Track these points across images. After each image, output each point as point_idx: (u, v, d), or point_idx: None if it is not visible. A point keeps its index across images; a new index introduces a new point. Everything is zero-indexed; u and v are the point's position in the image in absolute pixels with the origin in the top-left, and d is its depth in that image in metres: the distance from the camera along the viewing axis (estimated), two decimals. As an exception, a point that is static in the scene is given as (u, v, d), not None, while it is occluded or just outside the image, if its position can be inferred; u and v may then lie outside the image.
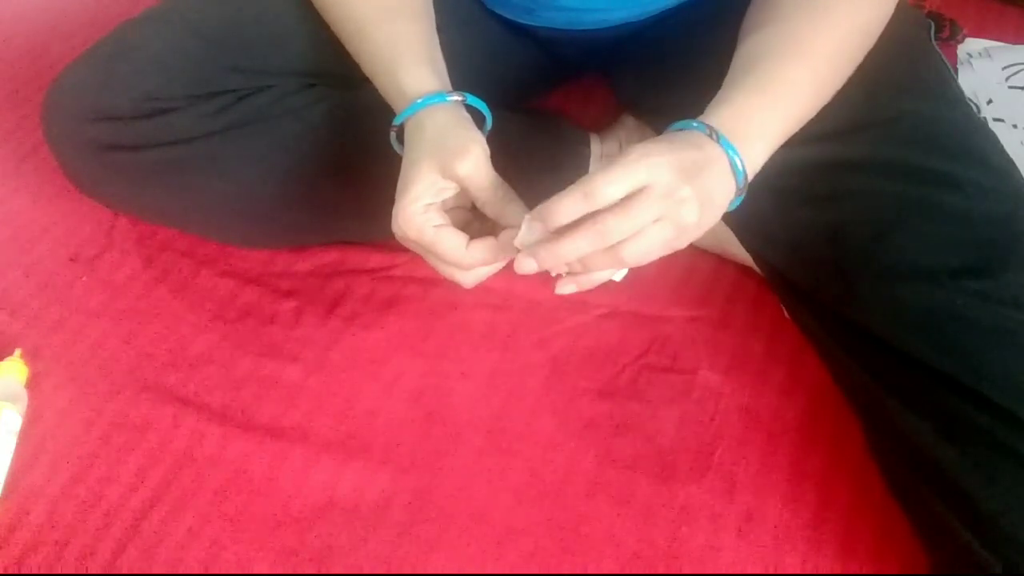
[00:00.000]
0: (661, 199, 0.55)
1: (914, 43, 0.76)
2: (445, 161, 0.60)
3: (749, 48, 0.64)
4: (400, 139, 0.67)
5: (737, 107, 0.60)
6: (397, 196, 0.61)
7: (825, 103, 0.64)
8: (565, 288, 0.61)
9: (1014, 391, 0.58)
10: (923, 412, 0.62)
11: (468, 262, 0.61)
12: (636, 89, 0.88)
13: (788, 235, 0.70)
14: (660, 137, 0.60)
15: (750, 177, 0.60)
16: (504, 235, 0.61)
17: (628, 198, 0.54)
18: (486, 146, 0.61)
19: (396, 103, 0.66)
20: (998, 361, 0.59)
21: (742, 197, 0.61)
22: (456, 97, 0.64)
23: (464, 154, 0.59)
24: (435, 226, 0.60)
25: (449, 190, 0.61)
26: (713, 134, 0.58)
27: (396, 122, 0.66)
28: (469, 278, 0.64)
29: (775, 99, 0.61)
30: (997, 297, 0.60)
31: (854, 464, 0.71)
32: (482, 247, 0.60)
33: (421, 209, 0.60)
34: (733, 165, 0.59)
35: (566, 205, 0.54)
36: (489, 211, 0.61)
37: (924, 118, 0.68)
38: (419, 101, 0.63)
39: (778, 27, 0.64)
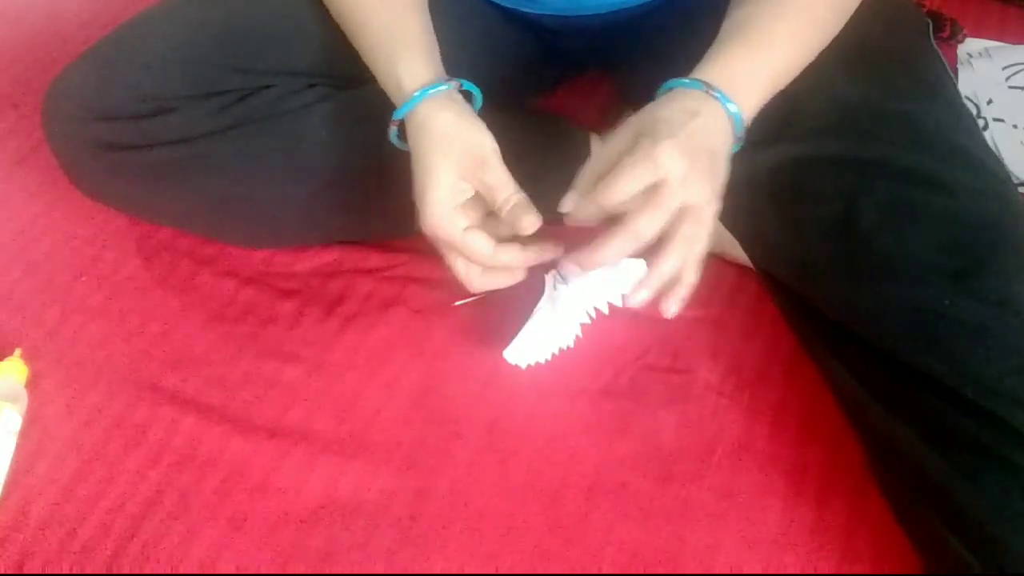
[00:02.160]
0: (680, 187, 0.58)
1: (911, 43, 0.76)
2: (464, 168, 0.62)
3: (734, 14, 0.67)
4: (400, 134, 0.67)
5: (724, 60, 0.64)
6: (418, 197, 0.64)
7: (815, 53, 0.66)
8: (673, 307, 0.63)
9: (997, 393, 0.58)
10: (908, 417, 0.62)
11: (494, 264, 0.65)
12: (636, 82, 0.88)
13: (780, 233, 0.70)
14: (656, 107, 0.62)
15: (747, 123, 0.63)
16: (531, 249, 0.65)
17: (649, 195, 0.58)
18: (497, 147, 0.63)
19: (395, 97, 0.67)
20: (982, 361, 0.59)
21: (741, 144, 0.64)
22: (452, 84, 0.65)
23: (483, 164, 0.62)
24: (464, 229, 0.63)
25: (468, 191, 0.64)
26: (710, 90, 0.61)
27: (395, 117, 0.66)
28: (480, 284, 0.67)
29: (759, 49, 0.65)
30: (982, 297, 0.61)
31: (854, 464, 0.71)
32: (510, 252, 0.64)
33: (448, 212, 0.63)
34: (731, 116, 0.62)
35: (588, 211, 0.61)
36: (505, 218, 0.63)
37: (915, 119, 0.68)
38: (416, 95, 0.64)
39: None
